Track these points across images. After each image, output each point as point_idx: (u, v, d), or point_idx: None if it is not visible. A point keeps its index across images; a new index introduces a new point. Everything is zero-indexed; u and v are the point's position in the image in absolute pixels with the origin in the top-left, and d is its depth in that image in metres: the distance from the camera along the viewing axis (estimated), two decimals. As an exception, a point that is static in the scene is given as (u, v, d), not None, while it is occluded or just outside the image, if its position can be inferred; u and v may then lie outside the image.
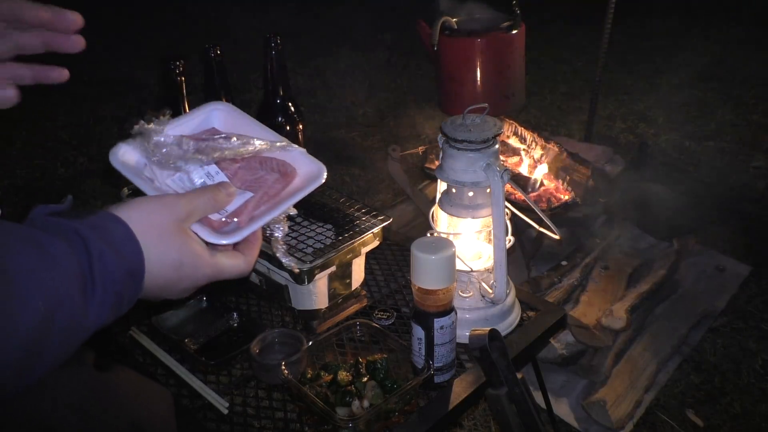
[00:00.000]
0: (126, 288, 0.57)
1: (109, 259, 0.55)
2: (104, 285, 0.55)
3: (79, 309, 0.53)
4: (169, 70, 1.28)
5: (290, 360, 0.97)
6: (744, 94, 3.38)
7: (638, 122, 3.14)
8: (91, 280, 0.54)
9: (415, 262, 0.93)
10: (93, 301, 0.54)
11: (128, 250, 0.57)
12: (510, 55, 2.95)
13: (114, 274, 0.55)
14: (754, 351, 1.78)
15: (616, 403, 1.57)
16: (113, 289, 0.56)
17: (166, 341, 1.11)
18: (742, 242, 2.21)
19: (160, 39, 4.51)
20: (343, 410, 0.91)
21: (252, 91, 3.51)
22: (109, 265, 0.55)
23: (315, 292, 1.09)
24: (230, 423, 0.96)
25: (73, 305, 0.53)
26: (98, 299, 0.54)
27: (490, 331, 0.92)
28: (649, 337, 1.79)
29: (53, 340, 0.52)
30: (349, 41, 4.37)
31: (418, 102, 3.44)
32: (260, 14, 4.91)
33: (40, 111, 3.42)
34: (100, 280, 0.54)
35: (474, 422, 1.56)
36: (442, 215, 1.12)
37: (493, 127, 1.05)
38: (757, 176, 2.64)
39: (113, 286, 0.56)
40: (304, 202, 1.21)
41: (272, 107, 1.48)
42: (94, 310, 0.55)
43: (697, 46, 4.03)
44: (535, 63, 3.67)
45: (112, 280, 0.55)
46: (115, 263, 0.55)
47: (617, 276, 1.96)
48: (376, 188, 2.63)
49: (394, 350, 1.02)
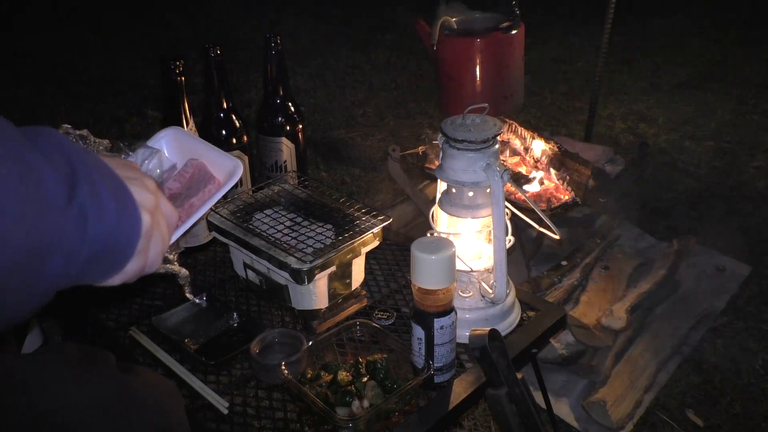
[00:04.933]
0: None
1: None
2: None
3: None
4: (169, 70, 1.29)
5: (290, 360, 0.97)
6: (744, 94, 3.37)
7: (638, 122, 3.14)
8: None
9: (415, 262, 0.93)
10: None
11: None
12: (510, 55, 2.96)
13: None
14: (754, 351, 1.78)
15: (616, 403, 1.57)
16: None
17: (166, 341, 1.11)
18: (742, 242, 2.21)
19: (160, 39, 4.51)
20: (343, 410, 0.91)
21: (252, 91, 3.51)
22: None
23: (315, 292, 1.09)
24: (230, 423, 0.96)
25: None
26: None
27: (490, 331, 0.92)
28: (649, 337, 1.79)
29: None
30: (349, 41, 4.37)
31: (418, 102, 3.44)
32: (260, 14, 4.91)
33: (40, 111, 3.42)
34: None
35: (474, 422, 1.56)
36: (442, 215, 1.12)
37: (493, 127, 1.05)
38: (757, 176, 2.64)
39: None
40: (305, 202, 1.21)
41: (272, 107, 1.48)
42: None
43: (697, 46, 4.03)
44: (535, 63, 3.67)
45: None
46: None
47: (617, 276, 1.96)
48: (376, 188, 2.63)
49: (394, 350, 1.02)
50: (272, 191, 1.26)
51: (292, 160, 1.50)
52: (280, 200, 1.23)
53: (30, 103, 3.53)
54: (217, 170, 0.82)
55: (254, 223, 1.15)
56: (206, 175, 0.81)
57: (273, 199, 1.24)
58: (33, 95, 3.63)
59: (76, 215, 0.50)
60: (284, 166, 1.50)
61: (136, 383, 0.79)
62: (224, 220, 1.16)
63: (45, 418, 0.69)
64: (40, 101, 3.55)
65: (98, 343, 1.14)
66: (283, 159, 1.49)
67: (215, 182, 0.81)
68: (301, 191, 1.26)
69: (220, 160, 0.82)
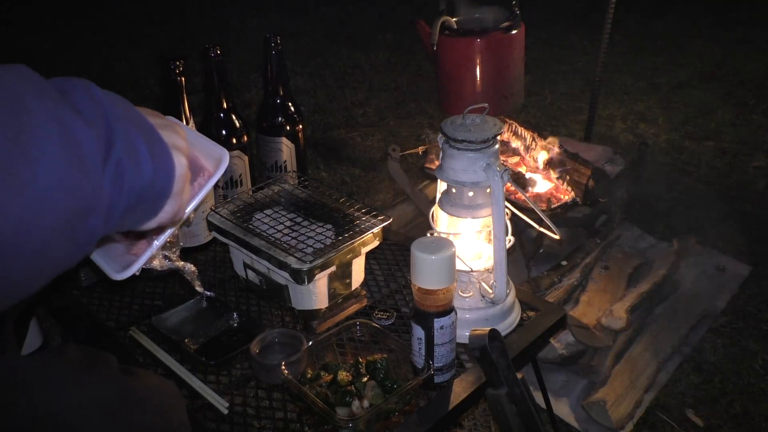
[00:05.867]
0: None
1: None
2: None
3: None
4: (169, 70, 1.29)
5: (290, 360, 0.97)
6: (744, 94, 3.38)
7: (638, 122, 3.14)
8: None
9: (415, 262, 0.93)
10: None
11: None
12: (510, 55, 2.96)
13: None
14: (754, 351, 1.78)
15: (616, 403, 1.57)
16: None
17: (166, 341, 1.11)
18: (742, 242, 2.21)
19: (160, 39, 4.51)
20: (343, 410, 0.91)
21: (252, 91, 3.51)
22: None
23: (315, 292, 1.09)
24: (230, 423, 0.96)
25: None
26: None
27: (490, 331, 0.92)
28: (649, 337, 1.79)
29: None
30: (349, 41, 4.37)
31: (418, 102, 3.44)
32: (260, 14, 4.91)
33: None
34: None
35: (474, 422, 1.56)
36: (442, 215, 1.12)
37: (493, 127, 1.05)
38: (757, 176, 2.64)
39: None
40: (305, 202, 1.21)
41: (272, 107, 1.48)
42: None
43: (697, 46, 4.03)
44: (535, 63, 3.67)
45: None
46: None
47: (617, 276, 1.96)
48: (376, 188, 2.63)
49: (394, 350, 1.02)
50: (272, 191, 1.26)
51: (292, 160, 1.50)
52: (280, 200, 1.23)
53: (30, 103, 3.52)
54: (206, 159, 0.82)
55: (254, 223, 1.15)
56: (196, 167, 0.81)
57: (273, 199, 1.24)
58: (33, 95, 3.63)
59: (113, 173, 0.51)
60: (284, 166, 1.50)
61: (137, 385, 0.78)
62: (224, 220, 1.16)
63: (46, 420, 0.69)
64: (40, 101, 3.55)
65: (98, 343, 1.14)
66: (283, 159, 1.49)
67: (205, 173, 0.81)
68: (301, 191, 1.26)
69: (208, 148, 0.82)
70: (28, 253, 0.48)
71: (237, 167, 1.41)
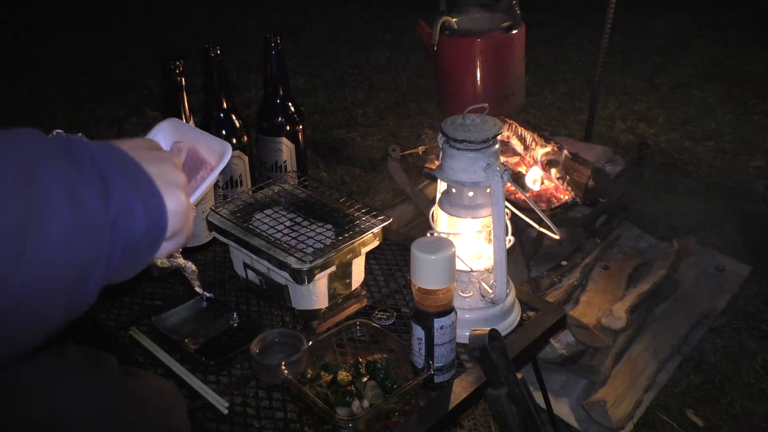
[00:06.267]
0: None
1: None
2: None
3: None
4: (169, 70, 1.29)
5: (290, 360, 0.97)
6: (744, 94, 3.37)
7: (638, 122, 3.14)
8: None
9: (415, 262, 0.93)
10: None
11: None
12: (510, 55, 2.95)
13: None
14: (754, 351, 1.78)
15: (616, 403, 1.57)
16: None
17: (166, 341, 1.11)
18: (742, 242, 2.21)
19: (160, 39, 4.51)
20: (343, 410, 0.91)
21: (252, 91, 3.51)
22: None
23: (315, 292, 1.09)
24: (230, 423, 0.96)
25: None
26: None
27: (490, 331, 0.92)
28: (649, 337, 1.79)
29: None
30: (349, 41, 4.37)
31: (418, 102, 3.44)
32: (260, 14, 4.91)
33: (40, 111, 3.42)
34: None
35: (474, 422, 1.56)
36: (442, 215, 1.12)
37: (493, 127, 1.05)
38: (757, 176, 2.64)
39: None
40: (305, 202, 1.21)
41: (272, 107, 1.48)
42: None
43: (697, 46, 4.03)
44: (535, 63, 3.67)
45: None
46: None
47: (617, 276, 1.95)
48: (376, 188, 2.63)
49: (394, 350, 1.02)
50: (272, 191, 1.26)
51: (292, 160, 1.50)
52: (280, 200, 1.23)
53: (30, 103, 3.53)
54: (208, 153, 0.82)
55: (254, 223, 1.15)
56: (198, 161, 0.82)
57: (273, 199, 1.24)
58: (33, 95, 3.63)
59: (110, 229, 0.51)
60: (284, 166, 1.50)
61: (137, 385, 0.79)
62: (224, 220, 1.16)
63: (46, 421, 0.69)
64: (40, 101, 3.55)
65: (98, 343, 1.14)
66: (283, 159, 1.49)
67: (207, 167, 0.81)
68: (301, 191, 1.26)
69: (211, 144, 0.83)
70: (27, 315, 0.48)
71: (237, 167, 1.41)
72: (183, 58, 1.29)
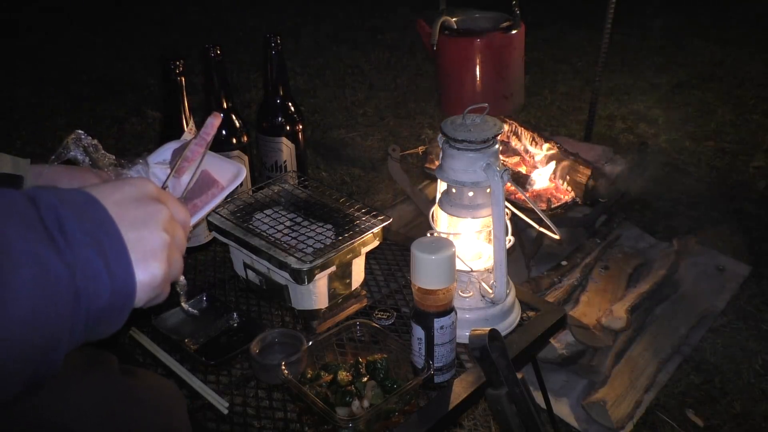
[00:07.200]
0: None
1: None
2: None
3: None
4: (169, 70, 1.29)
5: (290, 360, 0.97)
6: (744, 94, 3.37)
7: (638, 122, 3.14)
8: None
9: (415, 262, 0.93)
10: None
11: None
12: (510, 55, 2.95)
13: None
14: (754, 351, 1.78)
15: (616, 403, 1.57)
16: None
17: (166, 341, 1.11)
18: (742, 242, 2.21)
19: (160, 39, 4.51)
20: (343, 410, 0.91)
21: (252, 91, 3.51)
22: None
23: (315, 292, 1.09)
24: (230, 423, 0.96)
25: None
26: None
27: (490, 331, 0.92)
28: (649, 337, 1.79)
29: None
30: (349, 41, 4.37)
31: (418, 102, 3.44)
32: (260, 14, 4.91)
33: (41, 111, 3.42)
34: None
35: (474, 422, 1.56)
36: (442, 215, 1.12)
37: (493, 127, 1.05)
38: (757, 176, 2.64)
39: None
40: (305, 202, 1.21)
41: (272, 107, 1.48)
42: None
43: (697, 46, 4.03)
44: (535, 63, 3.67)
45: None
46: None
47: (617, 276, 1.95)
48: (376, 188, 2.63)
49: (394, 350, 1.02)
50: (272, 191, 1.26)
51: (292, 160, 1.50)
52: (280, 200, 1.23)
53: (30, 103, 3.53)
54: (219, 174, 0.83)
55: (254, 223, 1.15)
56: (209, 180, 0.82)
57: (273, 199, 1.24)
58: (33, 95, 3.63)
59: (77, 303, 0.50)
60: (284, 166, 1.50)
61: (138, 385, 0.79)
62: (224, 220, 1.16)
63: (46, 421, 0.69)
64: (40, 101, 3.55)
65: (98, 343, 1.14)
66: (283, 159, 1.49)
67: (218, 186, 0.82)
68: (301, 191, 1.26)
69: (224, 166, 0.84)
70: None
71: (237, 167, 1.41)
72: (183, 58, 1.29)
